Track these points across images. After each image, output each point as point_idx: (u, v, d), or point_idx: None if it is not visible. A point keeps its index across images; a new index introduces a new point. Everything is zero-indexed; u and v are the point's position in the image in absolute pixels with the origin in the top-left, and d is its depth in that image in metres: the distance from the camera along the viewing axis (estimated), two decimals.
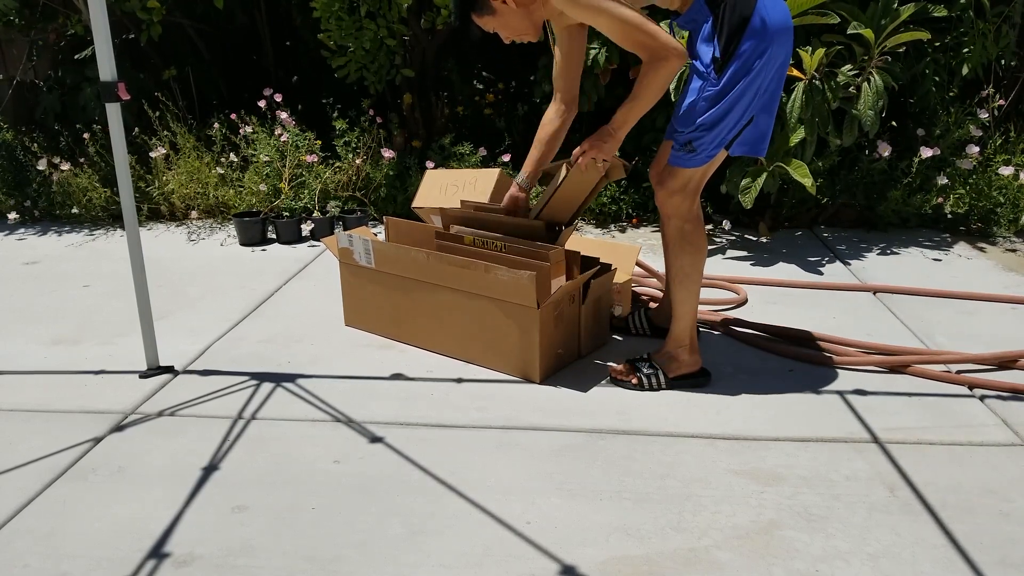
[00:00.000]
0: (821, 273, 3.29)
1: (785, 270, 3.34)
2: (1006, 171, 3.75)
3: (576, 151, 2.15)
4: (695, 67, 2.08)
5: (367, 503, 1.75)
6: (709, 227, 3.85)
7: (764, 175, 3.37)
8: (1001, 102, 4.12)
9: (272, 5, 5.02)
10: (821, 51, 3.22)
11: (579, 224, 4.05)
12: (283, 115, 4.24)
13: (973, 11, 3.69)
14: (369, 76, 4.36)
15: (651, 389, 2.25)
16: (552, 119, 2.36)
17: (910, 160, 3.81)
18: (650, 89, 1.98)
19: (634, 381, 2.26)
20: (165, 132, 4.31)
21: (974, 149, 3.76)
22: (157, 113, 4.35)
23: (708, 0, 2.00)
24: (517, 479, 1.83)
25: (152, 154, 4.25)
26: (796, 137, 3.35)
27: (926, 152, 3.68)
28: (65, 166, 4.29)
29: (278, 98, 4.39)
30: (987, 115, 3.90)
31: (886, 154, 3.70)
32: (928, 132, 3.88)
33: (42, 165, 4.28)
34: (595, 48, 3.79)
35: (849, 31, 3.32)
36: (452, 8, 2.19)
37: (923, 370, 2.32)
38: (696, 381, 2.27)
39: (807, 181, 3.26)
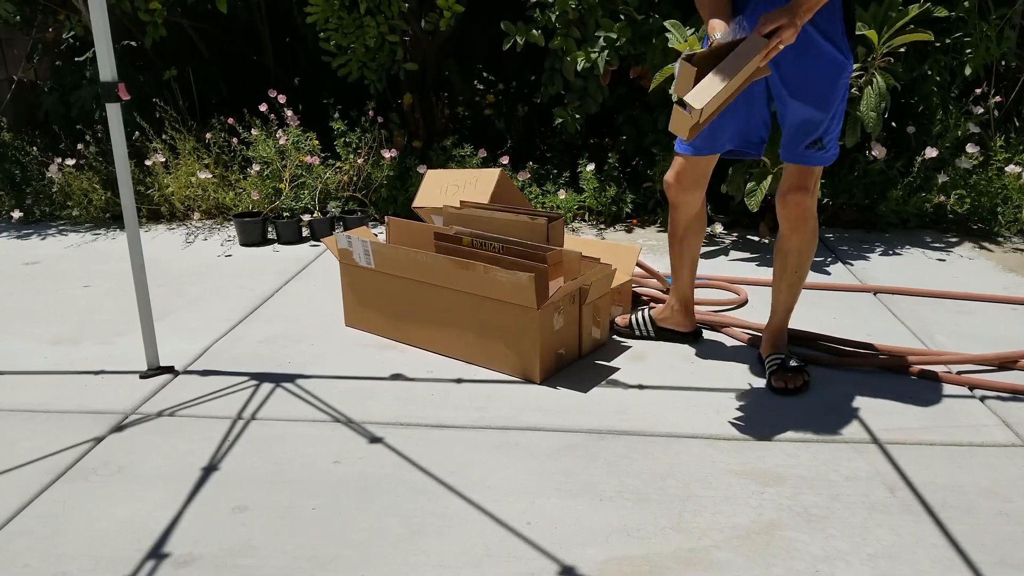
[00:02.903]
0: (822, 273, 3.29)
1: None
2: (1012, 169, 3.74)
3: (767, 26, 1.73)
4: (818, 38, 1.87)
5: (367, 503, 1.75)
6: (708, 227, 3.84)
7: (769, 177, 3.36)
8: (1000, 99, 4.12)
9: (272, 4, 5.02)
10: None
11: (577, 224, 4.05)
12: (288, 113, 4.24)
13: (976, 12, 3.69)
14: (370, 75, 4.36)
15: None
16: None
17: (910, 160, 3.80)
18: None
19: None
20: (164, 137, 4.31)
21: (974, 149, 3.75)
22: (156, 115, 4.35)
23: None
24: (517, 479, 1.83)
25: (147, 161, 4.24)
26: None
27: (931, 152, 3.67)
28: (63, 164, 4.28)
29: (281, 99, 4.39)
30: (984, 112, 3.90)
31: (880, 156, 3.70)
32: (927, 132, 3.87)
33: (52, 171, 4.25)
34: (595, 52, 3.79)
35: (856, 32, 3.31)
36: None
37: (923, 370, 2.32)
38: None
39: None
